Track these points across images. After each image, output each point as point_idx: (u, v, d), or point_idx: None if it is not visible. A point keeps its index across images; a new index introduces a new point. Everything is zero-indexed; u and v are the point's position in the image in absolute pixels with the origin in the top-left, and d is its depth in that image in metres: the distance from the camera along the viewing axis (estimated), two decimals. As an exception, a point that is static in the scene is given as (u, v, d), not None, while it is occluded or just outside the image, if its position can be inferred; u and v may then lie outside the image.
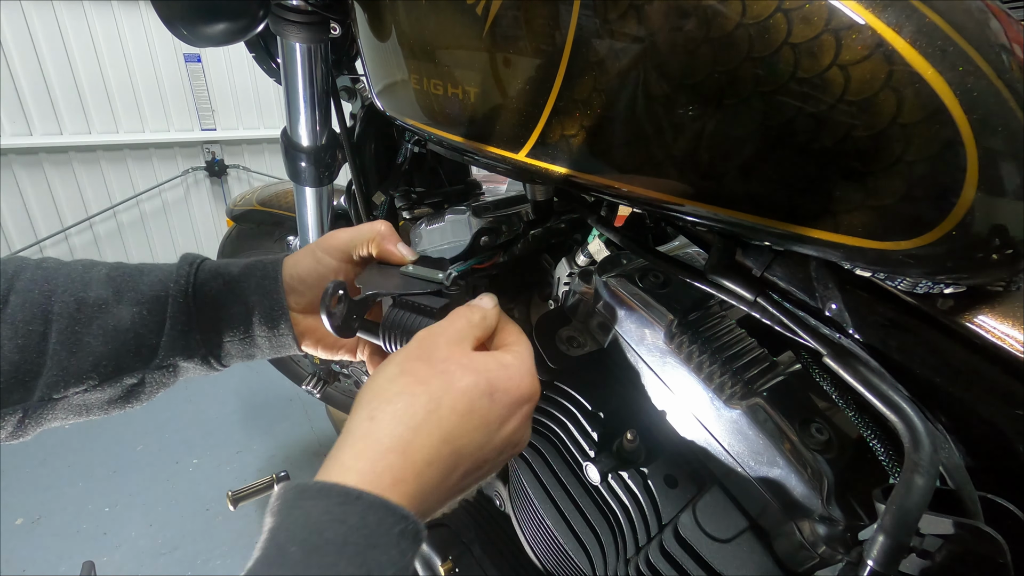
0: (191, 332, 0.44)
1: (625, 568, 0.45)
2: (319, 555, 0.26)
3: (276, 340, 0.48)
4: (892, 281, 0.35)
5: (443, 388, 0.33)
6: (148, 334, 0.43)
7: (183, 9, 0.46)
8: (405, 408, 0.32)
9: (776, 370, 0.43)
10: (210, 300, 0.45)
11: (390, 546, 0.27)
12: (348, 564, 0.26)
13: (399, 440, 0.31)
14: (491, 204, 0.69)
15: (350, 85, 0.77)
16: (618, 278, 0.50)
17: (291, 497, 0.29)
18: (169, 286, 0.44)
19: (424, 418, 0.32)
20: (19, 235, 2.96)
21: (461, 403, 0.33)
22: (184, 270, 0.46)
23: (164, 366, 0.44)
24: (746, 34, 0.27)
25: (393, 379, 0.34)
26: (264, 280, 0.47)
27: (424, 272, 0.46)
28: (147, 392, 0.45)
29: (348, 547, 0.26)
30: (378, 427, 0.31)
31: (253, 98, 3.40)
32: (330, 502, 0.28)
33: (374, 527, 0.27)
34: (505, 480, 0.68)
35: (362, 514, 0.27)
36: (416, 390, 0.33)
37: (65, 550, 1.62)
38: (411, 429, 0.31)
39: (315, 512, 0.27)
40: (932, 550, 0.28)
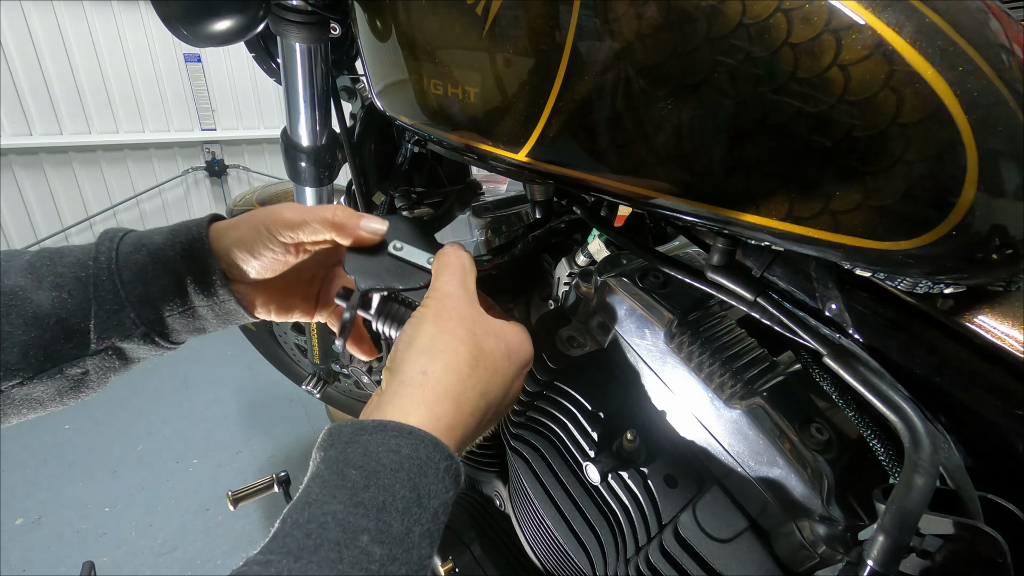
0: (123, 311, 0.41)
1: (625, 568, 0.45)
2: (377, 477, 0.29)
3: (220, 308, 0.45)
4: (892, 281, 0.35)
5: (478, 348, 0.38)
6: (73, 318, 0.40)
7: (183, 9, 0.46)
8: (453, 364, 0.36)
9: (776, 370, 0.43)
10: (137, 274, 0.42)
11: (437, 478, 0.31)
12: (402, 487, 0.29)
13: (451, 391, 0.35)
14: (491, 204, 0.69)
15: (350, 85, 0.77)
16: (618, 278, 0.50)
17: (348, 432, 0.32)
18: (88, 265, 0.41)
19: (468, 373, 0.36)
20: (19, 235, 2.96)
21: (491, 362, 0.38)
22: (105, 246, 0.43)
23: (102, 350, 0.41)
24: (746, 34, 0.27)
25: (435, 336, 0.38)
26: (191, 245, 0.43)
27: (412, 255, 0.46)
28: (95, 379, 0.42)
29: (401, 472, 0.30)
30: (432, 379, 0.35)
31: (253, 98, 3.40)
32: (386, 435, 0.31)
33: (424, 459, 0.31)
34: (505, 480, 0.68)
35: (414, 446, 0.31)
36: (459, 348, 0.37)
37: (65, 550, 1.62)
38: (459, 382, 0.36)
39: (372, 444, 0.31)
40: (932, 550, 0.28)
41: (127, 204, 3.21)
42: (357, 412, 1.64)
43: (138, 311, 0.42)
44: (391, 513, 0.28)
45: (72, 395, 0.42)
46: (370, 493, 0.28)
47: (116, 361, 0.43)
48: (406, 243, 0.46)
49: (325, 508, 0.28)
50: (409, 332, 0.39)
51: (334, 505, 0.28)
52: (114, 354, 0.42)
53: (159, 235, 0.44)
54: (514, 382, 0.41)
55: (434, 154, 0.76)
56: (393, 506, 0.28)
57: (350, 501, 0.28)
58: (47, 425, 2.03)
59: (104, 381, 0.43)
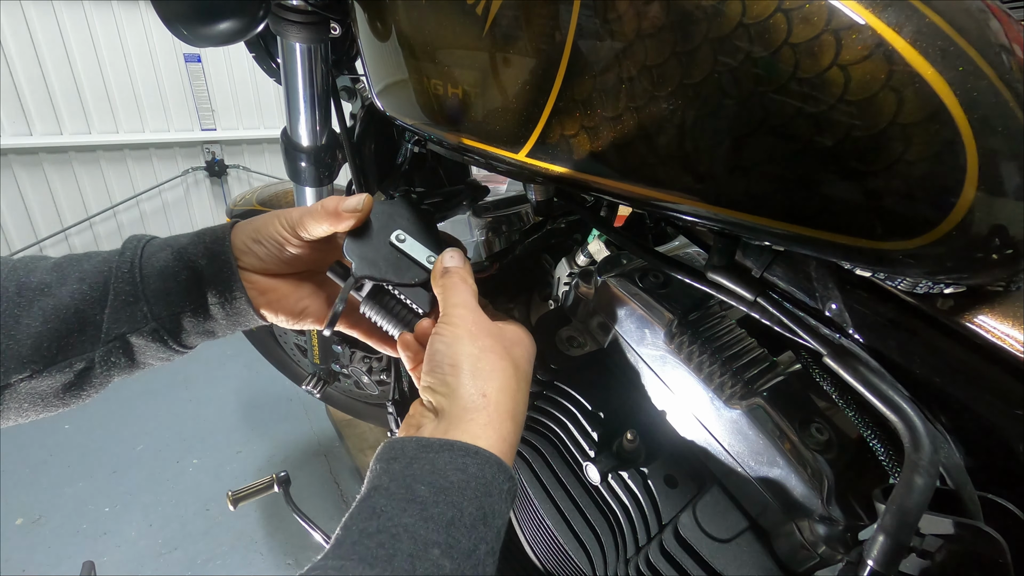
0: (137, 303, 0.42)
1: (625, 568, 0.45)
2: (445, 494, 0.30)
3: (231, 308, 0.46)
4: (892, 281, 0.35)
5: (514, 362, 0.40)
6: (90, 309, 0.41)
7: (183, 9, 0.46)
8: (504, 384, 0.38)
9: (776, 370, 0.43)
10: (158, 270, 0.43)
11: (501, 498, 0.32)
12: (469, 504, 0.30)
13: (510, 410, 0.37)
14: (491, 204, 0.69)
15: (350, 85, 0.77)
16: (618, 278, 0.50)
17: (412, 448, 0.33)
18: (113, 260, 0.43)
19: (516, 389, 0.38)
20: (19, 235, 2.96)
21: (524, 372, 0.41)
22: (131, 245, 0.44)
23: (111, 341, 0.42)
24: (746, 34, 0.27)
25: (479, 357, 0.39)
26: (213, 244, 0.45)
27: (413, 249, 0.46)
28: (98, 376, 0.43)
29: (468, 491, 0.30)
30: (492, 402, 0.37)
31: (253, 98, 3.40)
32: (453, 454, 0.32)
33: (490, 479, 0.32)
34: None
35: (480, 466, 0.32)
36: (504, 366, 0.39)
37: (65, 550, 1.62)
38: (513, 400, 0.38)
39: (439, 461, 0.32)
40: (932, 550, 0.28)
41: (127, 204, 3.20)
42: (357, 412, 1.63)
43: (152, 305, 0.43)
44: (459, 529, 0.29)
45: (75, 392, 0.42)
46: (439, 509, 0.29)
47: (122, 358, 0.43)
48: (409, 235, 0.46)
49: (395, 520, 0.28)
50: (448, 353, 0.39)
51: (405, 518, 0.28)
52: (121, 349, 0.42)
53: (185, 237, 0.46)
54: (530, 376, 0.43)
55: (434, 154, 0.75)
56: (461, 522, 0.29)
57: (420, 515, 0.29)
58: (47, 425, 2.03)
59: (107, 379, 0.43)
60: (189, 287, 0.44)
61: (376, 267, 0.45)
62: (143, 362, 0.45)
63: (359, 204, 0.44)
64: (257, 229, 0.46)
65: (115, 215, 3.21)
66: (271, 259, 0.46)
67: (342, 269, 0.46)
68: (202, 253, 0.44)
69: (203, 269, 0.44)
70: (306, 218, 0.44)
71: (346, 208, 0.44)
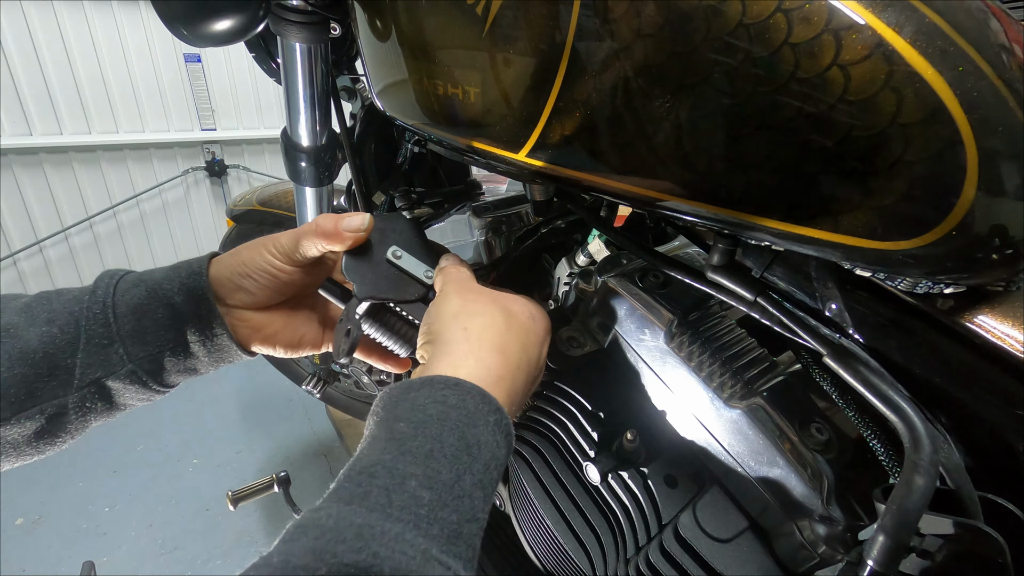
0: (112, 345, 0.40)
1: (625, 568, 0.45)
2: (424, 427, 0.29)
3: (212, 344, 0.43)
4: (892, 281, 0.35)
5: (507, 309, 0.39)
6: (61, 354, 0.38)
7: (183, 9, 0.46)
8: (492, 321, 0.37)
9: (776, 370, 0.43)
10: (132, 308, 0.41)
11: (486, 429, 0.31)
12: (449, 434, 0.29)
13: (496, 343, 0.36)
14: (491, 204, 0.69)
15: (350, 85, 0.77)
16: (618, 278, 0.50)
17: (397, 393, 0.32)
18: (84, 300, 0.40)
19: (506, 328, 0.37)
20: (19, 235, 2.96)
21: (522, 322, 0.39)
22: (103, 282, 0.42)
23: (85, 386, 0.39)
24: (746, 34, 0.27)
25: (464, 303, 0.38)
26: (189, 279, 0.42)
27: (410, 265, 0.46)
28: (73, 422, 0.40)
29: (448, 421, 0.30)
30: (475, 334, 0.36)
31: (253, 98, 3.40)
32: (433, 389, 0.32)
33: (472, 409, 0.31)
34: (505, 480, 0.68)
35: (460, 396, 0.31)
36: (490, 309, 0.38)
37: (65, 550, 1.62)
38: (500, 335, 0.36)
39: (420, 398, 0.31)
40: (932, 550, 0.28)
41: (127, 204, 3.20)
42: (357, 412, 1.64)
43: (127, 347, 0.40)
44: (439, 460, 0.28)
45: (48, 440, 0.40)
46: (417, 442, 0.28)
47: (99, 403, 0.40)
48: (405, 250, 0.46)
49: (374, 458, 0.28)
50: (436, 307, 0.40)
51: (384, 456, 0.28)
52: (97, 393, 0.40)
53: (160, 272, 0.43)
54: (542, 346, 0.41)
55: (434, 154, 0.76)
56: (441, 453, 0.28)
57: (398, 450, 0.28)
58: (47, 425, 2.03)
59: (83, 425, 0.41)
60: (166, 325, 0.41)
61: (377, 286, 0.44)
62: (123, 404, 0.42)
63: (363, 224, 0.43)
64: (243, 263, 0.44)
65: (115, 215, 3.21)
66: (263, 291, 0.44)
67: (334, 286, 0.46)
68: (178, 289, 0.42)
69: (179, 305, 0.42)
70: (302, 240, 0.43)
71: (348, 228, 0.43)
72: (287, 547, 0.23)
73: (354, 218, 0.43)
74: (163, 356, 0.42)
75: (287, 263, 0.44)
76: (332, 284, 0.46)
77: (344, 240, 0.43)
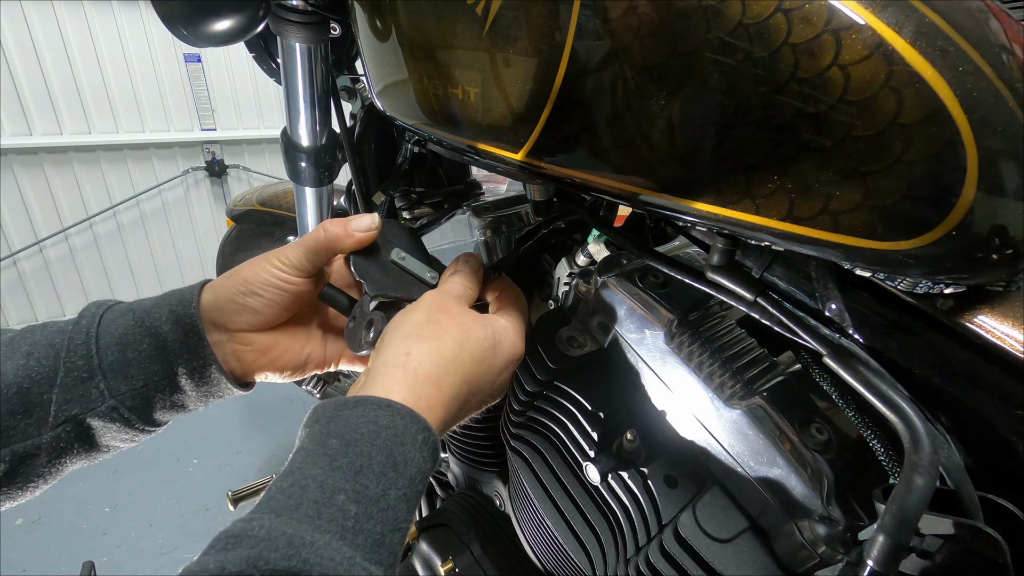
0: (92, 379, 0.37)
1: (625, 568, 0.45)
2: (355, 445, 0.30)
3: (200, 377, 0.41)
4: (892, 281, 0.35)
5: (464, 336, 0.39)
6: (36, 388, 0.36)
7: (183, 9, 0.46)
8: (436, 349, 0.37)
9: (776, 370, 0.43)
10: (117, 339, 0.38)
11: (415, 448, 0.32)
12: (378, 452, 0.30)
13: (432, 374, 0.36)
14: (491, 204, 0.69)
15: (350, 85, 0.77)
16: (618, 278, 0.50)
17: (331, 409, 0.33)
18: (67, 330, 0.38)
19: (451, 359, 0.38)
20: (19, 235, 2.96)
21: (477, 351, 0.39)
22: (89, 312, 0.39)
23: (61, 424, 0.36)
24: (746, 34, 0.27)
25: (422, 325, 0.39)
26: (179, 307, 0.40)
27: (415, 267, 0.47)
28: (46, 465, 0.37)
29: (378, 440, 0.31)
30: (415, 362, 0.36)
31: (253, 98, 3.40)
32: (366, 408, 0.32)
33: (401, 428, 0.32)
34: (505, 480, 0.68)
35: (391, 417, 0.32)
36: (443, 335, 0.38)
37: (65, 550, 1.62)
38: (441, 367, 0.37)
39: (352, 417, 0.32)
40: (932, 550, 0.28)
41: (127, 204, 3.21)
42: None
43: (109, 381, 0.38)
44: (367, 476, 0.29)
45: (19, 485, 0.38)
46: (348, 459, 0.30)
47: (76, 443, 0.38)
48: (408, 253, 0.46)
49: (306, 472, 0.29)
50: (398, 319, 0.40)
51: (315, 470, 0.29)
52: (74, 432, 0.37)
53: (149, 300, 0.41)
54: (501, 373, 0.42)
55: (434, 154, 0.76)
56: (369, 469, 0.30)
57: (329, 466, 0.29)
58: (47, 425, 2.03)
59: (58, 469, 0.38)
60: (152, 356, 0.39)
61: (387, 285, 0.44)
62: (104, 445, 0.39)
63: (372, 224, 0.44)
64: (246, 280, 0.42)
65: (115, 215, 3.21)
66: (271, 308, 0.43)
67: (336, 292, 0.46)
68: (166, 317, 0.40)
69: (167, 335, 0.39)
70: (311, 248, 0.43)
71: (358, 228, 0.43)
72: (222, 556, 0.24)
73: (363, 219, 0.44)
74: (148, 391, 0.39)
75: (296, 275, 0.43)
76: (333, 290, 0.46)
77: (356, 241, 0.44)
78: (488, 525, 0.67)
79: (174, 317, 0.40)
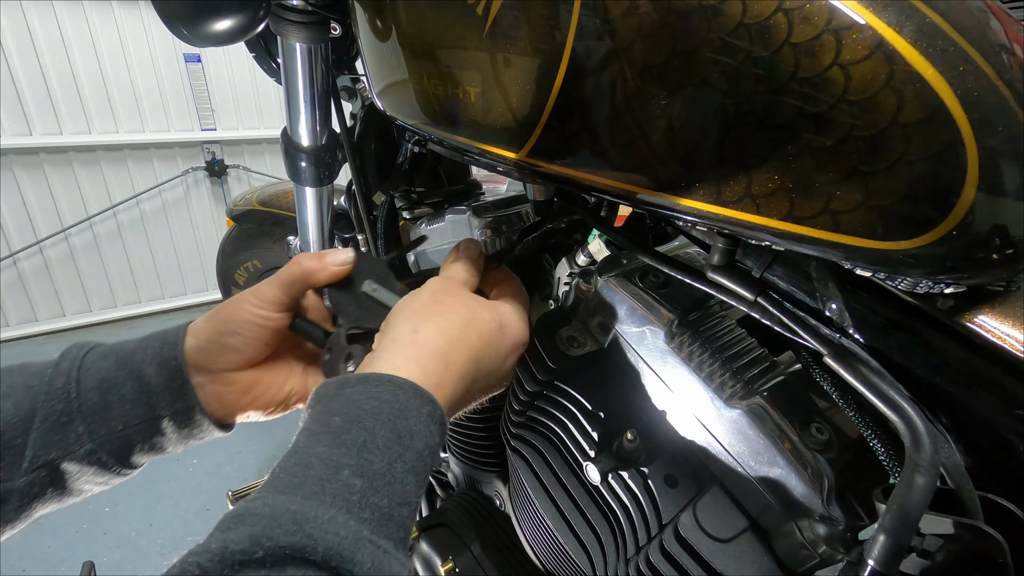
0: (71, 423, 0.36)
1: (625, 568, 0.45)
2: (358, 421, 0.30)
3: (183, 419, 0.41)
4: (892, 281, 0.35)
5: (470, 316, 0.39)
6: (11, 432, 0.35)
7: (183, 9, 0.46)
8: (444, 326, 0.37)
9: (776, 370, 0.43)
10: (99, 382, 0.38)
11: (419, 420, 0.31)
12: (382, 427, 0.30)
13: (441, 350, 0.36)
14: (491, 204, 0.69)
15: (350, 85, 0.77)
16: (618, 278, 0.50)
17: (332, 388, 0.33)
18: (47, 373, 0.37)
19: (459, 336, 0.37)
20: (19, 235, 2.96)
21: (484, 331, 0.39)
22: (71, 354, 0.39)
23: (36, 470, 0.35)
24: (747, 34, 0.27)
25: (428, 304, 0.39)
26: (163, 348, 0.40)
27: (386, 298, 0.47)
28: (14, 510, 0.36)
29: (382, 415, 0.30)
30: (423, 338, 0.36)
31: (253, 98, 3.40)
32: (368, 385, 0.32)
33: (404, 402, 0.32)
34: (505, 480, 0.68)
35: (394, 391, 0.32)
36: (450, 314, 0.38)
37: (65, 550, 1.62)
38: (449, 343, 0.37)
39: (355, 394, 0.32)
40: (932, 550, 0.28)
41: (127, 204, 3.21)
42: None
43: (89, 424, 0.37)
44: (371, 451, 0.29)
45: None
46: (351, 435, 0.29)
47: (49, 488, 0.37)
48: (379, 284, 0.47)
49: (310, 451, 0.29)
50: (406, 299, 0.40)
51: (318, 448, 0.29)
52: (49, 477, 0.36)
53: (132, 342, 0.41)
54: (507, 357, 0.42)
55: (434, 154, 0.76)
56: (374, 444, 0.29)
57: (333, 443, 0.29)
58: (47, 425, 2.03)
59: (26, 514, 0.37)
60: (133, 399, 0.38)
61: (359, 317, 0.45)
62: (77, 490, 0.39)
63: (347, 258, 0.45)
64: (225, 321, 0.42)
65: (115, 215, 3.21)
66: (252, 345, 0.43)
67: (306, 323, 0.46)
68: (150, 359, 0.39)
69: (150, 378, 0.39)
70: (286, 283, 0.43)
71: (334, 263, 0.44)
72: (225, 535, 0.24)
73: (338, 253, 0.45)
74: (128, 434, 0.39)
75: (273, 310, 0.43)
76: (304, 322, 0.46)
77: (330, 274, 0.44)
78: (488, 525, 0.67)
79: (159, 360, 0.40)
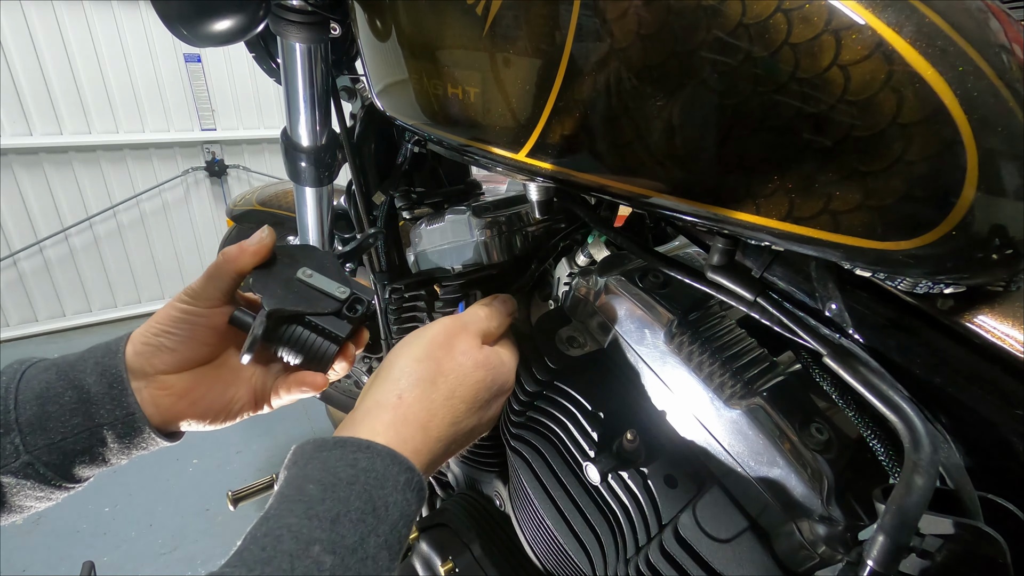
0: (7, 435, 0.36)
1: (625, 568, 0.45)
2: (333, 490, 0.30)
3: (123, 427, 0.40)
4: (892, 281, 0.35)
5: (458, 380, 0.40)
6: None
7: (183, 9, 0.46)
8: (428, 394, 0.38)
9: (776, 370, 0.43)
10: (37, 393, 0.37)
11: (396, 489, 0.31)
12: (357, 498, 0.30)
13: (422, 420, 0.37)
14: (491, 204, 0.69)
15: (350, 85, 0.77)
16: (618, 278, 0.50)
17: (309, 450, 0.33)
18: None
19: (441, 404, 0.39)
20: (19, 235, 2.96)
21: (470, 394, 0.40)
22: (12, 368, 0.39)
23: None
24: (746, 34, 0.27)
25: (419, 360, 0.40)
26: (104, 357, 0.40)
27: (322, 283, 0.46)
28: None
29: (357, 485, 0.30)
30: (405, 406, 0.37)
31: (253, 98, 3.40)
32: (345, 451, 0.32)
33: (381, 471, 0.32)
34: (505, 480, 0.68)
35: (371, 459, 0.32)
36: (437, 378, 0.39)
37: (65, 550, 1.62)
38: (430, 412, 0.38)
39: (331, 459, 0.31)
40: (932, 550, 0.28)
41: (127, 204, 3.21)
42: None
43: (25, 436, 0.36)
44: (344, 524, 0.28)
45: None
46: (325, 506, 0.29)
47: None
48: (317, 272, 0.46)
49: (281, 521, 0.28)
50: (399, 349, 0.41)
51: (290, 518, 0.28)
52: None
53: (75, 354, 0.41)
54: (490, 407, 0.43)
55: (434, 154, 0.76)
56: (347, 517, 0.29)
57: (305, 514, 0.28)
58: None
59: None
60: (72, 409, 0.38)
61: (286, 299, 0.44)
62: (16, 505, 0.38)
63: (263, 237, 0.45)
64: (157, 321, 0.42)
65: (115, 215, 3.21)
66: (184, 345, 0.42)
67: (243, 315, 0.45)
68: (91, 368, 0.39)
69: (90, 387, 0.38)
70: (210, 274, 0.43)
71: (249, 243, 0.44)
72: None
73: (255, 235, 0.45)
74: (67, 445, 0.38)
75: (203, 304, 0.43)
76: (241, 313, 0.45)
77: (251, 255, 0.44)
78: (488, 525, 0.67)
79: (100, 368, 0.39)
